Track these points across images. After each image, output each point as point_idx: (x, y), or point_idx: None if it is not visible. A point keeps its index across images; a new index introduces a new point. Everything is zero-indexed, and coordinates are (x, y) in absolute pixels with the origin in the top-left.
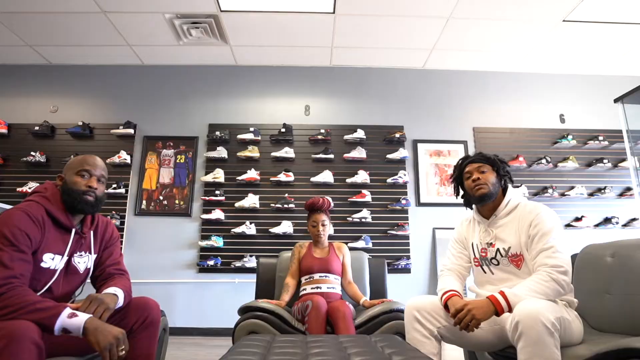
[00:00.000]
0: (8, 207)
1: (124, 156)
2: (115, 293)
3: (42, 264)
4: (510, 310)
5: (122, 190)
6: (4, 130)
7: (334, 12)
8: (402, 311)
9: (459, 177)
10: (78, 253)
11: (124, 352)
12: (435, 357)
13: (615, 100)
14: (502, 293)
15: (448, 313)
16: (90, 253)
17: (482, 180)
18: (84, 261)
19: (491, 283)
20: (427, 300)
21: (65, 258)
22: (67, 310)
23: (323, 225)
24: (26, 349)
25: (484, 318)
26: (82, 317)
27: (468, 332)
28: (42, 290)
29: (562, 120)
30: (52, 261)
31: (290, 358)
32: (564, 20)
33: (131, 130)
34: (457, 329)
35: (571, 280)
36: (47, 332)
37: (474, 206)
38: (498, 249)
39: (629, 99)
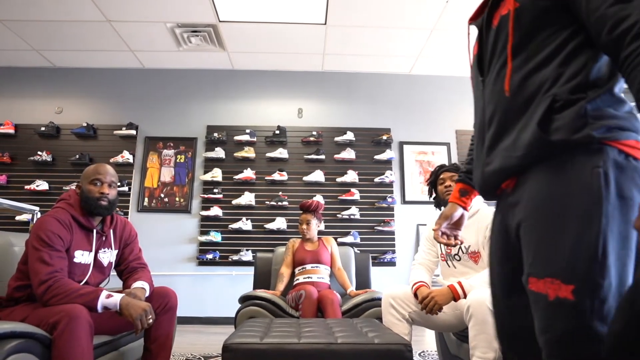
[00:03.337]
0: (19, 204)
1: (126, 156)
2: (143, 287)
3: (75, 260)
4: (465, 296)
5: (125, 189)
6: (12, 131)
7: (325, 24)
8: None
9: (434, 181)
10: (102, 249)
11: (151, 320)
12: (406, 336)
13: None
14: (459, 283)
15: (417, 300)
16: (111, 249)
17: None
18: (107, 256)
19: (454, 275)
20: (400, 289)
21: (93, 254)
22: (105, 292)
23: (308, 224)
24: (82, 325)
25: (444, 303)
26: (117, 297)
27: (432, 315)
28: (81, 283)
29: None
30: (82, 257)
31: (287, 334)
32: None
33: (133, 131)
34: (424, 313)
35: None
36: (92, 311)
37: (442, 208)
38: (460, 247)
39: None
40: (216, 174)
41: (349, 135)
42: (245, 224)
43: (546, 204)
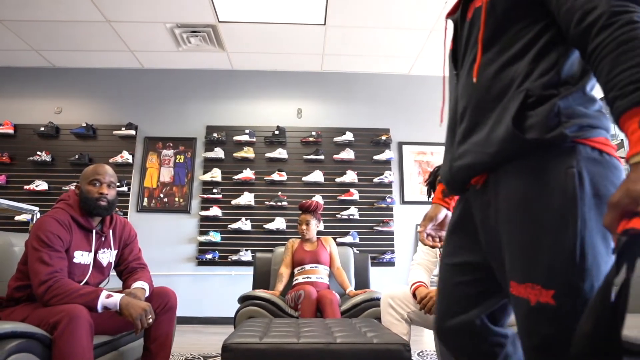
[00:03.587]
0: (19, 205)
1: (126, 156)
2: (143, 287)
3: (74, 260)
4: None
5: (125, 189)
6: (11, 131)
7: (324, 24)
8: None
9: (432, 182)
10: (101, 250)
11: (151, 320)
12: (405, 336)
13: None
14: None
15: (416, 300)
16: (111, 249)
17: None
18: (106, 256)
19: None
20: (399, 289)
21: (92, 254)
22: (105, 292)
23: (307, 224)
24: (82, 325)
25: None
26: (117, 297)
27: (431, 315)
28: (81, 284)
29: None
30: (82, 257)
31: (286, 334)
32: None
33: (133, 132)
34: (423, 313)
35: None
36: (92, 311)
37: None
38: None
39: None
40: (215, 174)
41: (348, 136)
42: (245, 224)
43: (522, 208)
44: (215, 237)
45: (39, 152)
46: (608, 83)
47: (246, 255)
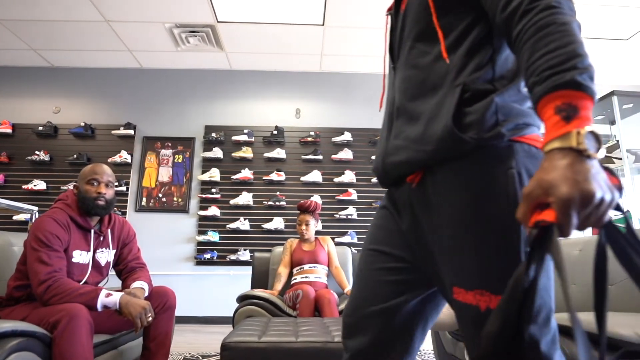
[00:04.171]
0: (18, 204)
1: (124, 156)
2: (142, 287)
3: (73, 260)
4: None
5: (123, 188)
6: (9, 130)
7: (323, 24)
8: None
9: None
10: (100, 249)
11: (150, 318)
12: None
13: None
14: None
15: None
16: (109, 249)
17: None
18: (105, 256)
19: None
20: None
21: (91, 254)
22: (104, 291)
23: (307, 225)
24: (82, 324)
25: None
26: (116, 295)
27: None
28: (80, 283)
29: None
30: (81, 257)
31: (284, 333)
32: None
33: (131, 131)
34: None
35: None
36: (91, 310)
37: None
38: None
39: None
40: (214, 174)
41: (347, 136)
42: (243, 224)
43: (466, 213)
44: (213, 236)
45: (37, 152)
46: (528, 69)
47: (245, 255)
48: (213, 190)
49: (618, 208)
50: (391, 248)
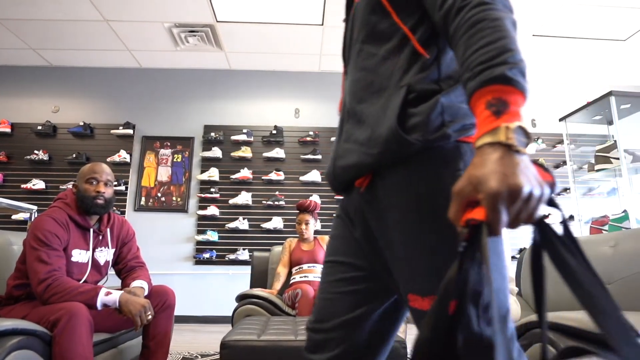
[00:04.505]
0: (18, 204)
1: (123, 155)
2: (142, 286)
3: (72, 259)
4: None
5: (122, 188)
6: (8, 130)
7: (322, 24)
8: None
9: None
10: (99, 248)
11: (150, 316)
12: (401, 334)
13: (560, 120)
14: None
15: None
16: (108, 248)
17: None
18: (104, 255)
19: None
20: None
21: (90, 253)
22: (104, 290)
23: (307, 224)
24: (82, 323)
25: None
26: (116, 294)
27: None
28: (80, 282)
29: (534, 125)
30: (80, 256)
31: (284, 332)
32: (533, 35)
33: (130, 131)
34: None
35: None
36: (91, 309)
37: None
38: None
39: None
40: (213, 174)
41: None
42: (242, 224)
43: (412, 216)
44: (212, 236)
45: (36, 151)
46: (462, 65)
47: (244, 255)
48: (212, 189)
49: (552, 204)
50: (349, 257)
